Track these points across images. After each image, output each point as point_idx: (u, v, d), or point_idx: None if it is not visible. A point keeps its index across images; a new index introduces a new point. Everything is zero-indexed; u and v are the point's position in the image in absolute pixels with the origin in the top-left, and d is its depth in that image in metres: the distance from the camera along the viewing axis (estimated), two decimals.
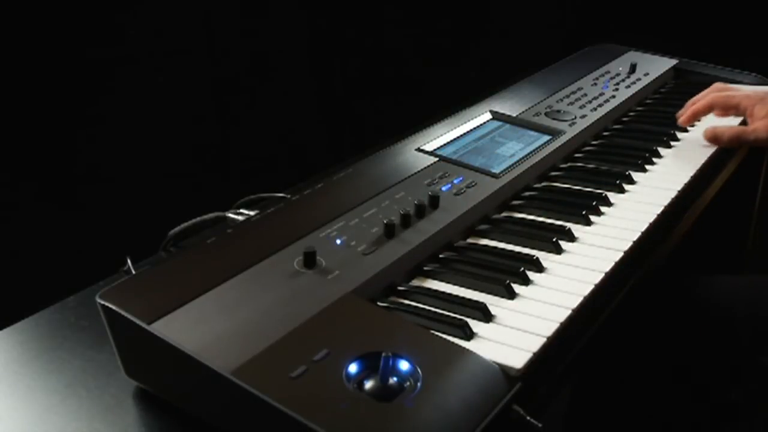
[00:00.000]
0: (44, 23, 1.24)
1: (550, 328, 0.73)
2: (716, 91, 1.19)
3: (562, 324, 0.74)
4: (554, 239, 0.89)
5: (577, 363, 0.78)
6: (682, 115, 1.20)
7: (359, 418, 0.60)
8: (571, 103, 1.27)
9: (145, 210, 1.32)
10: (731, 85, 1.26)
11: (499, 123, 1.18)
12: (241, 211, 0.94)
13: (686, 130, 1.24)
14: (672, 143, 1.20)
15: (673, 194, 1.03)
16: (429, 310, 0.75)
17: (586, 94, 1.32)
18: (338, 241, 0.81)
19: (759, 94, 1.15)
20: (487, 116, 1.19)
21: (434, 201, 0.90)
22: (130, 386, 0.71)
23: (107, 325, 0.70)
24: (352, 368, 0.64)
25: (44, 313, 0.82)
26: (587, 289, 0.80)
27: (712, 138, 1.10)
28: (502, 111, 1.21)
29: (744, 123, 1.16)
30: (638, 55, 1.56)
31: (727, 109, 1.17)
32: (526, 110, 1.22)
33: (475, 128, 1.15)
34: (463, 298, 0.78)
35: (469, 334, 0.72)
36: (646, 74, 1.46)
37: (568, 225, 0.93)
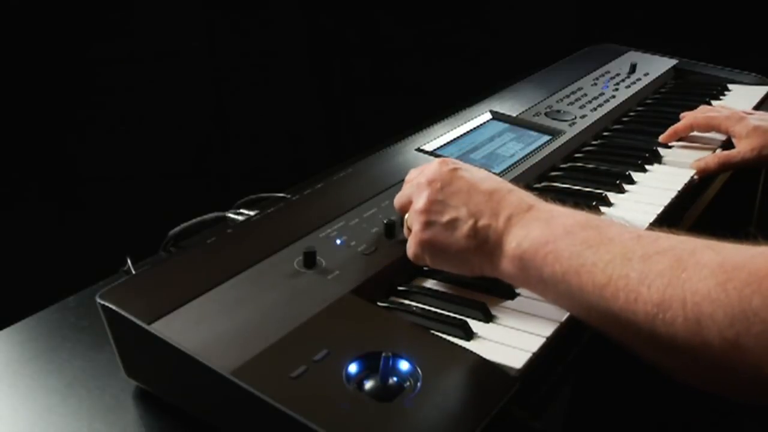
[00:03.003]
0: (45, 23, 1.24)
1: (549, 328, 0.73)
2: (698, 113, 1.21)
3: (562, 324, 0.74)
4: None
5: (577, 363, 0.78)
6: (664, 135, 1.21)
7: (359, 418, 0.60)
8: (571, 103, 1.27)
9: (145, 210, 1.32)
10: (713, 107, 1.27)
11: (499, 123, 1.18)
12: (241, 211, 0.94)
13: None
14: (672, 143, 1.20)
15: (673, 194, 1.03)
16: (429, 310, 0.75)
17: (586, 94, 1.32)
18: (338, 241, 0.81)
19: (738, 114, 1.17)
20: (487, 116, 1.19)
21: None
22: (130, 386, 0.71)
23: (107, 325, 0.70)
24: (352, 368, 0.64)
25: (44, 313, 0.82)
26: None
27: (701, 171, 1.11)
28: (502, 111, 1.21)
29: (729, 145, 1.17)
30: (638, 55, 1.56)
31: (707, 129, 1.19)
32: (526, 110, 1.22)
33: (475, 128, 1.15)
34: (463, 298, 0.78)
35: (469, 334, 0.72)
36: (646, 74, 1.46)
37: None
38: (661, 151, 1.17)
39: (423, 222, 0.76)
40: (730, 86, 1.48)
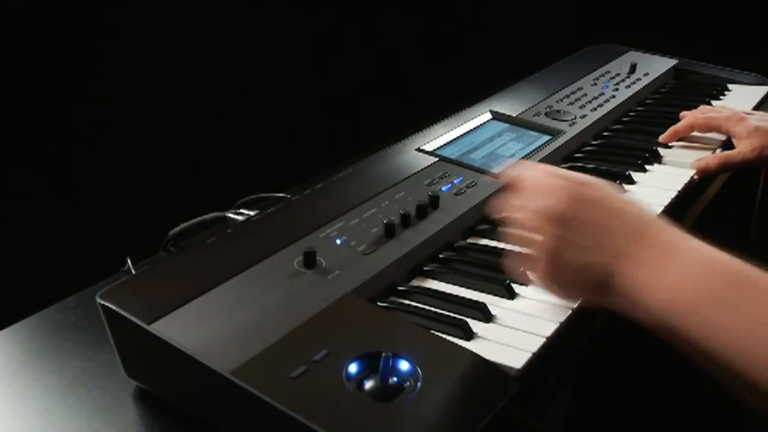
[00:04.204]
0: (45, 24, 1.24)
1: (549, 328, 0.73)
2: (699, 113, 1.21)
3: (561, 324, 0.74)
4: None
5: (577, 363, 0.78)
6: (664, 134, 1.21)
7: (359, 418, 0.60)
8: (571, 103, 1.27)
9: (145, 210, 1.32)
10: (714, 107, 1.27)
11: (499, 123, 1.18)
12: (241, 211, 0.94)
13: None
14: (672, 143, 1.20)
15: (673, 194, 1.03)
16: (429, 310, 0.75)
17: (586, 94, 1.32)
18: (338, 241, 0.81)
19: (739, 114, 1.17)
20: (487, 116, 1.19)
21: (434, 201, 0.90)
22: (130, 386, 0.71)
23: (107, 325, 0.70)
24: (352, 368, 0.64)
25: (44, 313, 0.83)
26: None
27: (702, 171, 1.11)
28: (502, 111, 1.21)
29: (729, 145, 1.17)
30: (638, 55, 1.56)
31: (708, 129, 1.19)
32: (526, 110, 1.22)
33: (475, 128, 1.15)
34: (463, 298, 0.78)
35: (468, 334, 0.72)
36: (646, 74, 1.46)
37: None
38: (661, 151, 1.17)
39: (554, 233, 0.69)
40: (730, 86, 1.48)
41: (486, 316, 0.75)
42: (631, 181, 1.07)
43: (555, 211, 0.70)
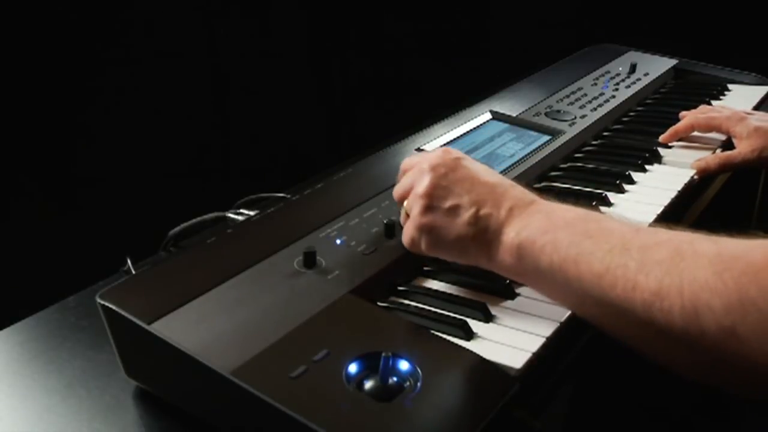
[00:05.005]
0: (45, 24, 1.24)
1: (549, 328, 0.73)
2: (699, 113, 1.21)
3: (561, 324, 0.74)
4: None
5: (578, 363, 0.78)
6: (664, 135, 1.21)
7: (359, 418, 0.60)
8: (571, 103, 1.27)
9: (145, 210, 1.32)
10: (714, 107, 1.27)
11: (499, 123, 1.18)
12: (241, 211, 0.94)
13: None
14: (672, 143, 1.20)
15: (673, 194, 1.03)
16: (429, 310, 0.75)
17: (586, 94, 1.32)
18: (338, 241, 0.81)
19: (739, 114, 1.17)
20: (487, 116, 1.19)
21: None
22: (130, 386, 0.71)
23: (107, 325, 0.70)
24: (352, 368, 0.64)
25: (44, 313, 0.82)
26: None
27: (702, 171, 1.11)
28: (502, 111, 1.21)
29: (729, 145, 1.17)
30: (638, 55, 1.56)
31: (708, 129, 1.19)
32: (526, 110, 1.22)
33: (475, 128, 1.15)
34: (463, 298, 0.78)
35: (468, 334, 0.72)
36: (646, 74, 1.46)
37: None
38: (661, 151, 1.17)
39: (424, 206, 0.75)
40: (730, 86, 1.48)
41: (486, 316, 0.75)
42: (631, 181, 1.07)
43: (432, 163, 0.77)
